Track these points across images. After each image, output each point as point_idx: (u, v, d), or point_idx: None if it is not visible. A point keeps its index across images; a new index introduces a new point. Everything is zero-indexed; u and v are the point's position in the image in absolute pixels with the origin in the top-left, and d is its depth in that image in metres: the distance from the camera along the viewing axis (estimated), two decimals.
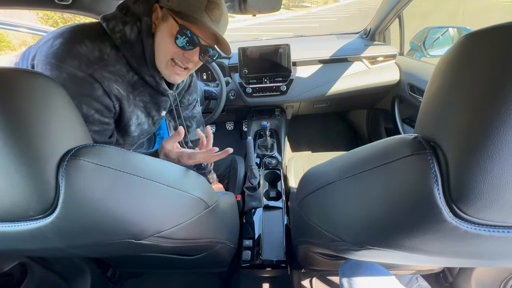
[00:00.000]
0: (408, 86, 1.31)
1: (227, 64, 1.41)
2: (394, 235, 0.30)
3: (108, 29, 0.54)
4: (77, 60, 0.50)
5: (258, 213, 0.94)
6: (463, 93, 0.23)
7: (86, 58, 0.51)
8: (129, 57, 0.57)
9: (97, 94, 0.53)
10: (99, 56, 0.53)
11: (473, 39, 0.23)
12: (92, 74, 0.51)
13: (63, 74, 0.49)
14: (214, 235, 0.60)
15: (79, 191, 0.30)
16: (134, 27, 0.56)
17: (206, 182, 0.56)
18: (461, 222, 0.25)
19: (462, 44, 0.24)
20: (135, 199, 0.36)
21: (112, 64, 0.54)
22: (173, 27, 0.55)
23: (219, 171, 1.17)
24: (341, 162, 0.40)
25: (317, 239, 0.49)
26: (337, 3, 22.56)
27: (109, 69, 0.54)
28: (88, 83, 0.51)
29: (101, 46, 0.53)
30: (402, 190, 0.28)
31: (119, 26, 0.55)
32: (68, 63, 0.49)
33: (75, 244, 0.37)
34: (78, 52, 0.50)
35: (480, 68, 0.22)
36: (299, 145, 1.96)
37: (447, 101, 0.24)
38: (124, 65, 0.57)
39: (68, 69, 0.49)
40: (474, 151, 0.22)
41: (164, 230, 0.41)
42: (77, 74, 0.50)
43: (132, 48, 0.56)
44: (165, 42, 0.57)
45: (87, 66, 0.51)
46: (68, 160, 0.29)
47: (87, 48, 0.51)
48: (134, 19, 0.56)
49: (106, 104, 0.55)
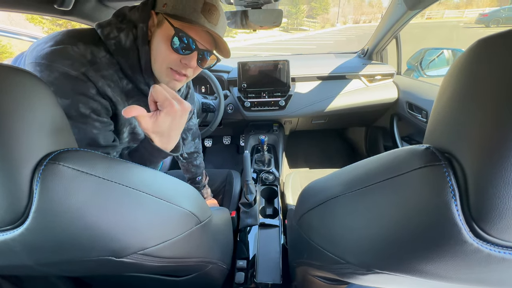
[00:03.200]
0: (407, 104, 1.32)
1: (226, 78, 1.42)
2: (407, 258, 0.27)
3: (102, 35, 0.53)
4: (69, 59, 0.48)
5: (253, 231, 0.89)
6: (481, 100, 0.21)
7: (78, 59, 0.49)
8: (124, 64, 0.55)
9: (92, 93, 0.50)
10: (92, 59, 0.51)
11: (488, 43, 0.21)
12: (85, 73, 0.49)
13: (55, 73, 0.46)
14: (206, 254, 0.55)
15: (55, 199, 0.26)
16: (130, 34, 0.54)
17: (199, 195, 0.52)
18: (483, 243, 0.22)
19: (476, 49, 0.22)
20: (118, 211, 0.32)
21: (104, 68, 0.52)
22: (169, 31, 0.53)
23: (214, 185, 1.13)
24: (345, 175, 0.38)
25: (317, 260, 0.45)
26: (333, 28, 23.63)
27: (101, 72, 0.52)
28: (82, 82, 0.49)
29: (94, 50, 0.51)
30: (414, 205, 0.25)
31: (114, 32, 0.54)
32: (60, 62, 0.47)
33: (46, 261, 0.33)
34: (70, 53, 0.48)
35: (498, 73, 0.20)
36: (297, 161, 1.93)
37: (463, 109, 0.22)
38: (117, 71, 0.55)
39: (60, 67, 0.47)
40: (496, 163, 0.19)
41: (149, 247, 0.37)
42: (70, 72, 0.47)
43: (127, 55, 0.55)
44: (161, 49, 0.55)
45: (80, 65, 0.49)
46: (45, 164, 0.26)
47: (79, 50, 0.50)
48: (130, 26, 0.55)
49: (103, 104, 0.53)
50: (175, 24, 0.53)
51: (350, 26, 22.50)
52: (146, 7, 0.55)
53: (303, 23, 34.22)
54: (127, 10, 0.57)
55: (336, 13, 43.81)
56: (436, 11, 38.83)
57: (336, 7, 46.59)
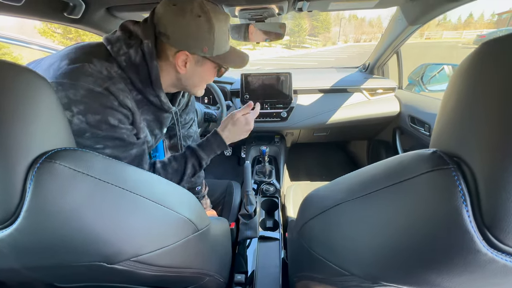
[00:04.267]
0: (409, 117, 1.31)
1: (229, 89, 1.44)
2: (415, 268, 0.25)
3: (112, 51, 0.55)
4: (90, 76, 0.50)
5: (252, 244, 0.86)
6: (489, 101, 0.20)
7: (98, 75, 0.51)
8: (134, 79, 0.57)
9: (115, 105, 0.53)
10: (108, 74, 0.53)
11: (493, 45, 0.21)
12: (108, 88, 0.51)
13: (81, 91, 0.48)
14: (202, 265, 0.53)
15: (48, 198, 0.26)
16: (139, 50, 0.56)
17: (198, 203, 0.51)
18: (498, 253, 0.20)
19: (484, 50, 0.22)
20: (113, 214, 0.31)
21: (118, 82, 0.54)
22: (214, 67, 0.64)
23: (214, 196, 1.10)
24: (348, 182, 0.36)
25: (319, 273, 0.42)
26: (335, 46, 24.26)
27: (118, 86, 0.54)
28: (106, 97, 0.51)
29: (107, 66, 0.53)
30: (422, 212, 0.24)
31: (123, 49, 0.55)
32: (83, 79, 0.48)
33: (34, 265, 0.31)
34: (89, 70, 0.50)
35: (505, 74, 0.19)
36: (298, 174, 1.91)
37: (470, 111, 0.22)
38: (127, 84, 0.57)
39: (85, 85, 0.48)
40: (508, 166, 0.18)
41: (144, 254, 0.35)
42: (95, 89, 0.49)
43: (137, 70, 0.57)
44: (205, 78, 0.66)
45: (101, 82, 0.51)
46: (41, 162, 0.25)
47: (96, 67, 0.51)
48: (138, 42, 0.56)
49: (125, 113, 0.56)
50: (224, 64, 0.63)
51: (351, 45, 23.11)
52: (146, 25, 0.57)
53: (305, 41, 35.21)
54: (131, 24, 0.58)
55: (337, 32, 45.16)
56: (435, 32, 39.94)
57: (337, 26, 48.10)
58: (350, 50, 19.34)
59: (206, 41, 0.56)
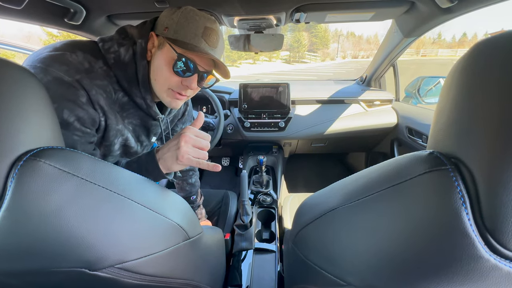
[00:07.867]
0: (407, 129, 1.32)
1: (228, 98, 1.45)
2: (413, 277, 0.24)
3: (103, 49, 0.54)
4: (65, 65, 0.48)
5: (248, 256, 0.83)
6: (489, 100, 0.20)
7: (75, 66, 0.49)
8: (120, 77, 0.56)
9: (81, 101, 0.49)
10: (88, 68, 0.51)
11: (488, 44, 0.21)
12: (79, 80, 0.49)
13: (48, 76, 0.46)
14: (193, 275, 0.50)
15: (30, 198, 0.24)
16: (130, 49, 0.56)
17: (190, 209, 0.49)
18: (502, 260, 0.19)
19: (480, 48, 0.21)
20: (98, 216, 0.29)
21: (99, 78, 0.52)
22: (170, 54, 0.55)
23: (209, 206, 1.08)
24: (344, 186, 0.35)
25: (315, 283, 0.40)
26: (333, 61, 24.85)
27: (96, 82, 0.52)
28: (74, 88, 0.48)
29: (91, 60, 0.52)
30: (419, 215, 0.23)
31: (114, 47, 0.55)
32: (55, 67, 0.47)
33: (10, 269, 0.29)
34: (68, 59, 0.49)
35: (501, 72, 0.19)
36: (296, 185, 1.88)
37: (468, 111, 0.21)
38: (112, 83, 0.55)
39: (55, 72, 0.47)
40: (508, 167, 0.18)
41: (129, 261, 0.33)
42: (64, 78, 0.47)
43: (124, 69, 0.56)
44: (162, 71, 0.57)
45: (75, 72, 0.49)
46: (25, 160, 0.24)
47: (77, 58, 0.50)
48: (131, 42, 0.57)
49: (90, 114, 0.52)
50: (178, 50, 0.55)
51: (349, 61, 23.70)
52: (145, 26, 0.57)
53: (304, 56, 36.08)
54: (128, 27, 0.59)
55: (336, 48, 46.43)
56: (431, 49, 41.11)
57: (335, 43, 49.51)
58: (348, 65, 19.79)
59: (169, 21, 0.55)
